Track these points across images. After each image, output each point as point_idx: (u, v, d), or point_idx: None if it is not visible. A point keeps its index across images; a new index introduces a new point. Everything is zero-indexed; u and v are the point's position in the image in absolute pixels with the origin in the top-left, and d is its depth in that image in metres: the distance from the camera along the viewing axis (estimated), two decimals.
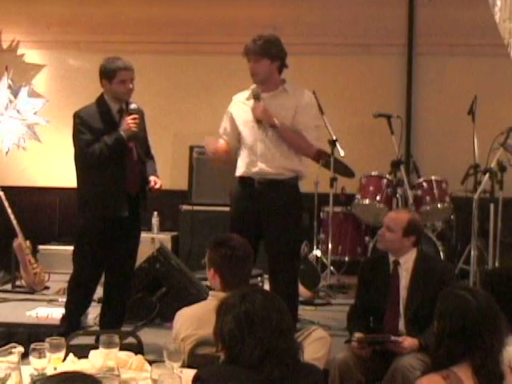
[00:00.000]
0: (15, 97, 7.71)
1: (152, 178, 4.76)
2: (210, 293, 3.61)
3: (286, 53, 4.64)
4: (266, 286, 5.46)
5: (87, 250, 4.75)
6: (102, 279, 4.92)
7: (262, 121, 4.50)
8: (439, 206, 6.44)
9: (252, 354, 2.42)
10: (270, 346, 2.42)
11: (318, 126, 4.71)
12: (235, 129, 4.70)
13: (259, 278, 5.87)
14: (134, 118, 4.63)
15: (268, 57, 4.54)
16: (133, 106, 4.69)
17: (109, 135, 4.61)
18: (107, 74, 4.67)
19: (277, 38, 4.63)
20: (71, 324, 4.77)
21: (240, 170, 4.67)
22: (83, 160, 4.70)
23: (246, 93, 4.67)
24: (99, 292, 5.01)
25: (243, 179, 4.65)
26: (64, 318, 4.92)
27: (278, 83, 4.63)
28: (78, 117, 4.73)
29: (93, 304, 5.05)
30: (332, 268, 6.71)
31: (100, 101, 4.76)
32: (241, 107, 4.67)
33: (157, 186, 4.74)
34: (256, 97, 4.55)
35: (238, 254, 3.48)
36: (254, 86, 4.61)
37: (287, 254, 4.60)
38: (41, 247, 7.17)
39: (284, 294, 4.20)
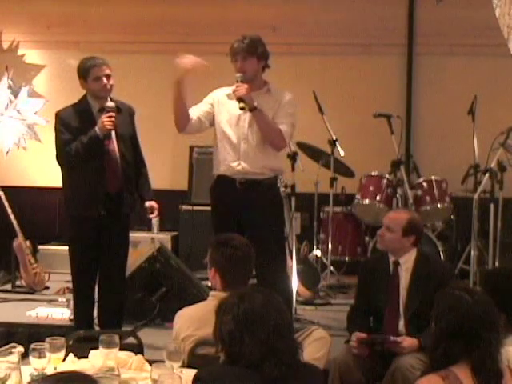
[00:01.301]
0: (15, 97, 7.71)
1: (148, 205, 4.87)
2: (211, 293, 3.61)
3: (269, 54, 4.67)
4: None
5: (73, 251, 4.81)
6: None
7: (244, 100, 4.49)
8: (439, 206, 6.44)
9: (252, 353, 2.42)
10: (270, 345, 2.42)
11: (293, 124, 4.69)
12: (211, 113, 4.72)
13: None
14: (110, 116, 4.59)
15: (255, 55, 4.59)
16: (109, 104, 4.65)
17: (85, 134, 4.62)
18: (82, 73, 4.72)
19: (261, 39, 4.67)
20: (79, 323, 4.81)
21: (220, 169, 4.68)
22: (61, 160, 4.73)
23: (229, 89, 4.68)
24: None
25: (224, 178, 4.66)
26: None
27: (262, 83, 4.69)
28: (57, 116, 4.79)
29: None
30: (332, 268, 6.72)
31: (82, 100, 4.79)
32: (226, 104, 4.69)
33: (153, 216, 4.87)
34: (240, 81, 4.55)
35: (239, 254, 3.48)
36: (238, 74, 4.60)
37: (271, 254, 4.60)
38: (41, 247, 7.17)
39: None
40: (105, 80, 4.66)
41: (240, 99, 4.51)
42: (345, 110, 7.33)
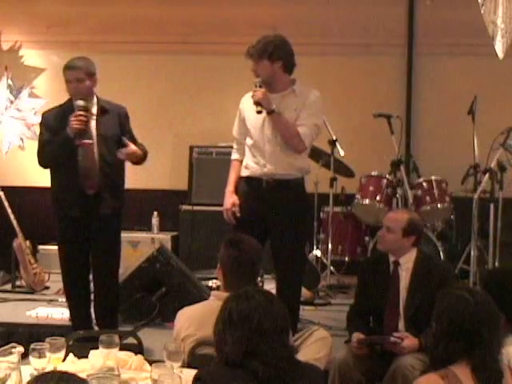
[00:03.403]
0: (15, 97, 7.71)
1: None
2: (212, 293, 3.63)
3: (291, 52, 4.62)
4: (266, 286, 5.48)
5: (60, 251, 4.82)
6: None
7: (262, 104, 4.48)
8: (439, 206, 6.44)
9: (233, 352, 2.43)
10: (250, 345, 2.43)
11: (316, 124, 4.63)
12: (246, 128, 4.69)
13: (259, 278, 5.87)
14: (77, 116, 4.55)
15: (266, 57, 4.53)
16: (78, 103, 4.62)
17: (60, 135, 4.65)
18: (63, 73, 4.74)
19: (279, 38, 4.61)
20: (73, 323, 4.85)
21: (247, 171, 4.66)
22: (38, 160, 4.77)
23: None
24: None
25: (250, 179, 4.64)
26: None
27: (286, 84, 4.62)
28: (41, 117, 4.85)
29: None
30: (332, 268, 6.72)
31: (68, 100, 4.79)
32: (251, 107, 4.64)
33: (121, 156, 4.65)
34: (258, 86, 4.54)
35: (244, 257, 3.47)
36: (256, 79, 4.59)
37: (292, 255, 4.58)
38: (41, 247, 7.17)
39: (287, 294, 4.20)
40: (74, 84, 4.65)
41: (257, 103, 4.49)
42: (345, 109, 7.33)
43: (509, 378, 2.63)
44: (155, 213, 7.33)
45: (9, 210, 6.38)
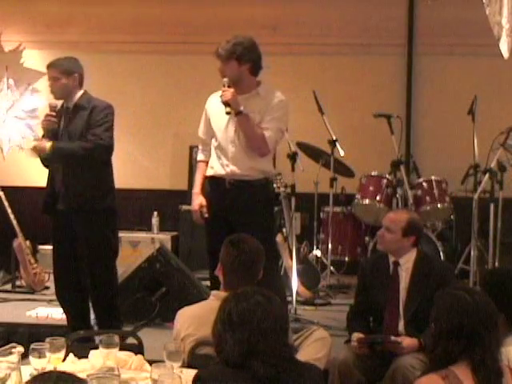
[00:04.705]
0: (16, 97, 7.70)
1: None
2: (212, 292, 3.63)
3: (259, 55, 4.61)
4: None
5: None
6: None
7: (230, 105, 4.48)
8: (439, 206, 6.44)
9: (233, 353, 2.44)
10: (250, 345, 2.43)
11: (280, 129, 4.62)
12: (211, 128, 4.71)
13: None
14: (46, 115, 4.68)
15: (234, 59, 4.54)
16: (49, 103, 4.76)
17: None
18: None
19: (248, 41, 4.61)
20: (68, 321, 4.89)
21: (211, 171, 4.68)
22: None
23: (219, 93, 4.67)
24: None
25: (214, 179, 4.66)
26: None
27: (251, 86, 4.63)
28: None
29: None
30: (332, 268, 6.72)
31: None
32: (216, 108, 4.66)
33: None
34: (227, 86, 4.54)
35: (243, 258, 3.47)
36: (225, 79, 4.59)
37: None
38: (41, 247, 7.16)
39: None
40: (50, 82, 4.74)
41: (226, 103, 4.50)
42: (345, 109, 7.33)
43: (509, 377, 2.63)
44: (155, 213, 7.33)
45: (9, 210, 6.38)
